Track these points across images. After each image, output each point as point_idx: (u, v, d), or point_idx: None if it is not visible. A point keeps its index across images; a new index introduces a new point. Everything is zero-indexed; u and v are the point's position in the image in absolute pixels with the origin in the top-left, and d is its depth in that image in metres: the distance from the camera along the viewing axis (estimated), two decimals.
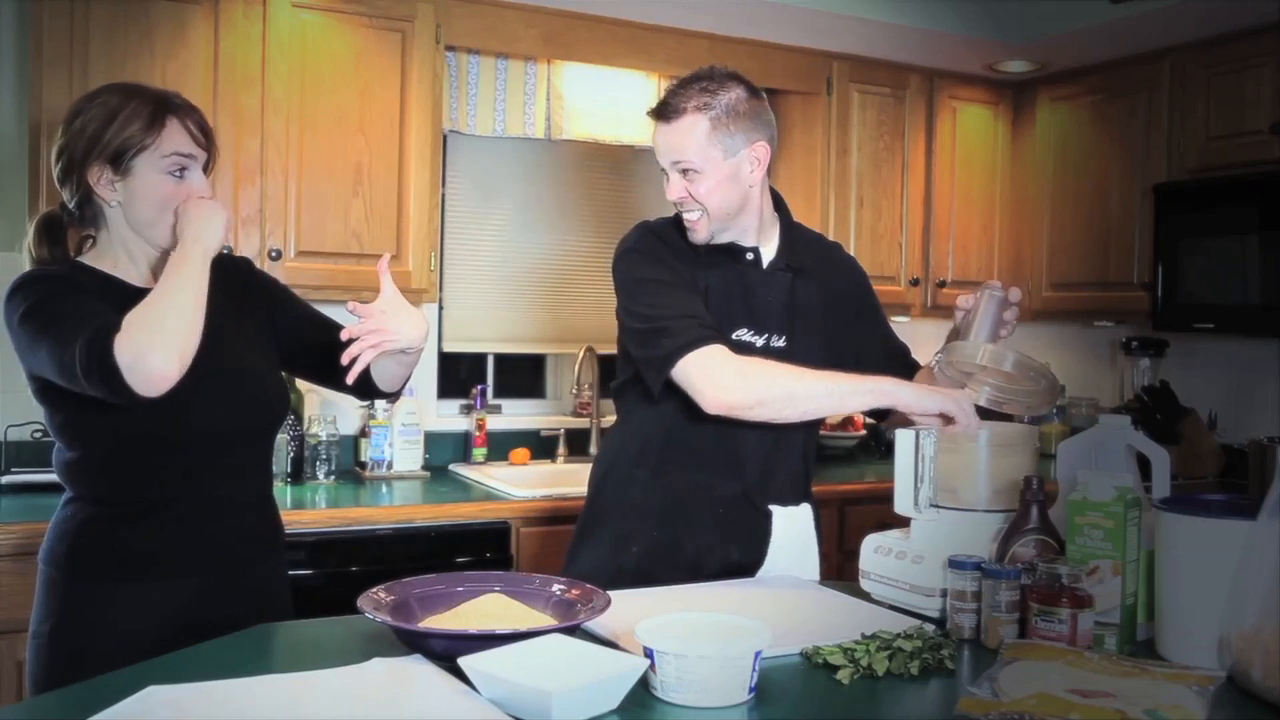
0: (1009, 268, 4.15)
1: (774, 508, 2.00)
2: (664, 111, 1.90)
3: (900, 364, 2.10)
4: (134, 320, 1.57)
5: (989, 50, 3.75)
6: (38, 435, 2.91)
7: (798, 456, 2.04)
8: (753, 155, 1.91)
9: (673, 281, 1.90)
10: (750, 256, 1.98)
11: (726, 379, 1.79)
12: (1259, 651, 1.35)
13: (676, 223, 2.01)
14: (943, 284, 3.99)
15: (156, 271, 1.77)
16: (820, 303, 2.01)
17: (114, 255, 1.75)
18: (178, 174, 1.71)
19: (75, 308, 1.61)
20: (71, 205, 1.74)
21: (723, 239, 1.96)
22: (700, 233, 1.94)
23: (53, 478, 2.73)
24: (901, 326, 4.23)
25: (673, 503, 1.96)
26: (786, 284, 1.99)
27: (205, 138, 1.76)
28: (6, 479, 2.83)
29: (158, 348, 1.54)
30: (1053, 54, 3.77)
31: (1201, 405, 3.73)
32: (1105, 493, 1.56)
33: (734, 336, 1.92)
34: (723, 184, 1.89)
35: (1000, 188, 4.15)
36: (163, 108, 1.71)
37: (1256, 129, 3.30)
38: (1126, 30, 3.44)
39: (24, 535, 2.43)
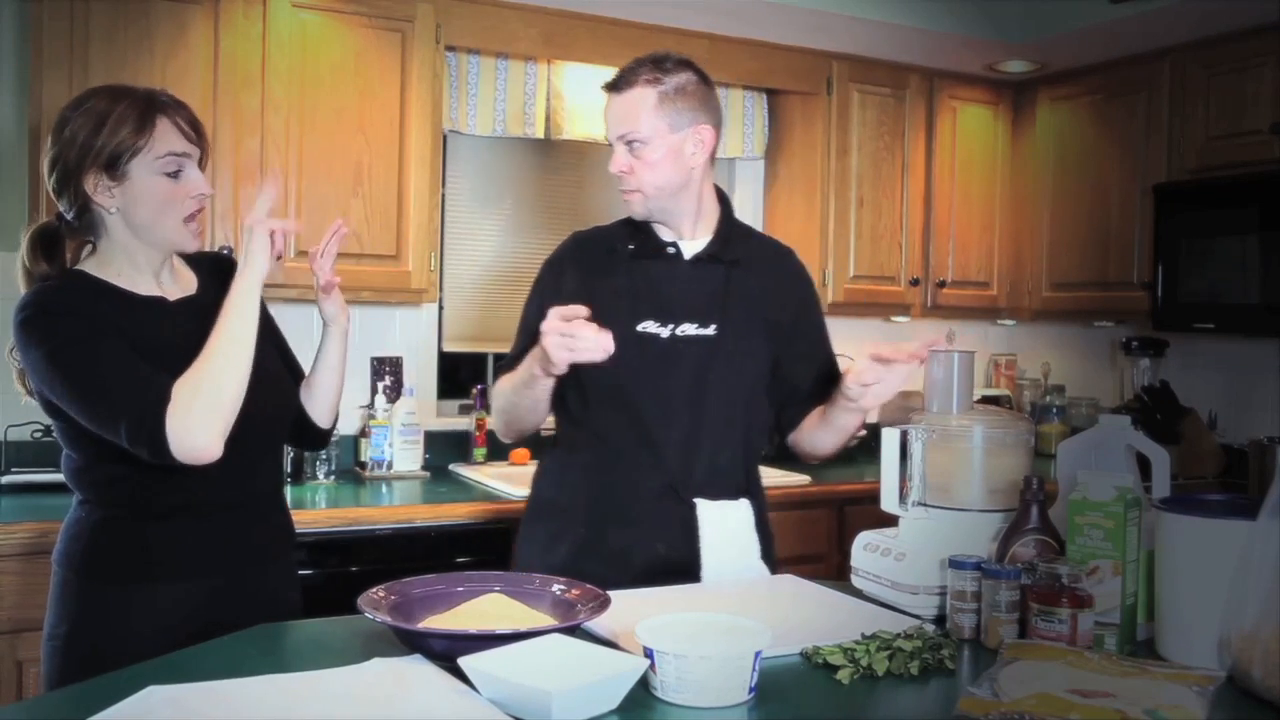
0: (1009, 268, 4.15)
1: (700, 501, 1.96)
2: (616, 83, 1.97)
3: (825, 388, 2.05)
4: (186, 391, 1.58)
5: (989, 50, 3.75)
6: (38, 435, 2.91)
7: (728, 450, 1.99)
8: (697, 136, 1.95)
9: (534, 313, 2.00)
10: (671, 251, 2.00)
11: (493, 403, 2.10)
12: (1259, 651, 1.35)
13: (613, 226, 2.08)
14: (943, 284, 3.99)
15: (161, 277, 1.78)
16: (759, 296, 2.01)
17: (116, 263, 1.74)
18: (174, 174, 1.70)
19: (114, 365, 1.60)
20: (70, 215, 1.72)
21: (659, 218, 2.00)
22: (637, 207, 1.98)
23: (54, 478, 2.75)
24: (901, 326, 4.27)
25: (598, 499, 1.97)
26: (718, 275, 1.99)
27: (196, 133, 1.74)
28: (7, 479, 2.83)
29: (205, 429, 1.58)
30: (1053, 54, 3.77)
31: (1201, 405, 3.73)
32: (1105, 493, 1.56)
33: (638, 329, 1.95)
34: (666, 158, 1.93)
35: (1000, 188, 4.15)
36: (151, 107, 1.69)
37: (1256, 129, 3.30)
38: (1126, 30, 3.44)
39: (24, 535, 2.44)
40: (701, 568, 1.93)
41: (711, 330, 1.96)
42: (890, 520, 1.83)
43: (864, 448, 3.98)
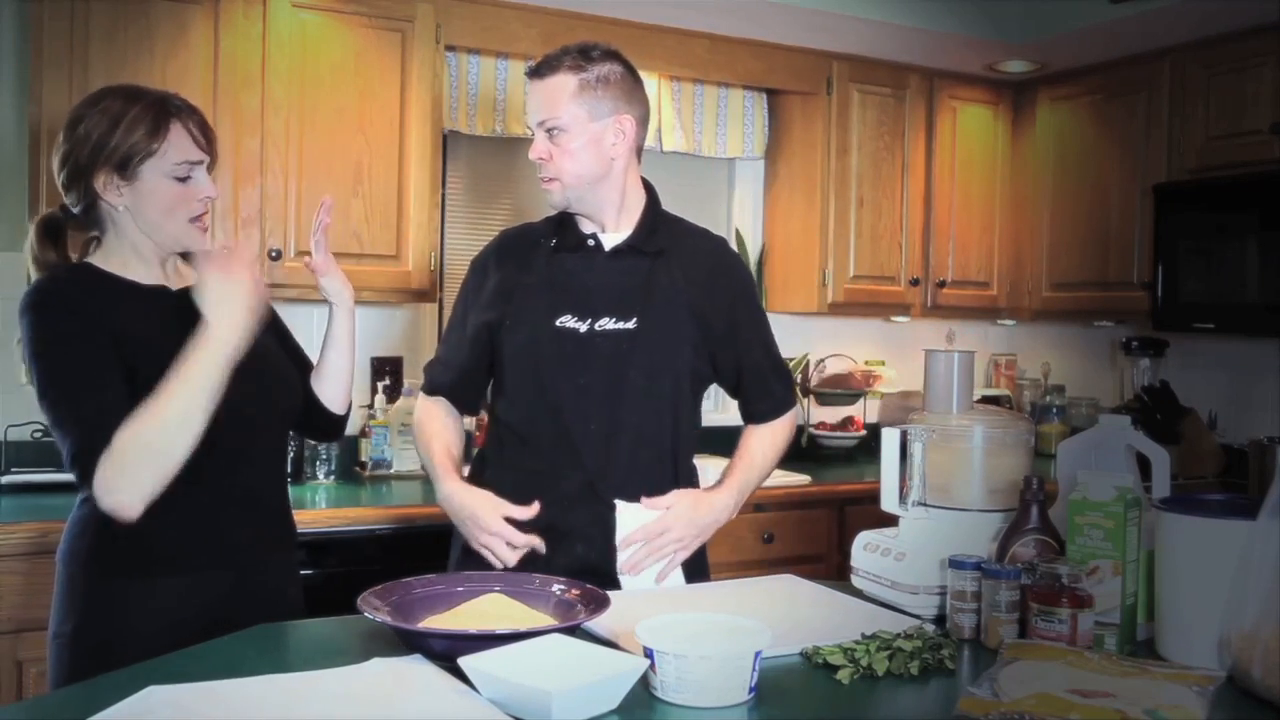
0: (1009, 268, 4.15)
1: (619, 502, 1.91)
2: (539, 69, 1.95)
3: (759, 388, 2.05)
4: (123, 445, 1.57)
5: (989, 50, 3.75)
6: (38, 435, 2.91)
7: (650, 447, 1.95)
8: (618, 126, 1.93)
9: (459, 315, 2.07)
10: (591, 243, 1.99)
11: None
12: (1259, 651, 1.35)
13: (541, 223, 2.08)
14: (943, 284, 3.99)
15: (166, 267, 1.80)
16: (686, 288, 1.98)
17: (123, 255, 1.76)
18: (183, 179, 1.73)
19: (82, 386, 1.62)
20: (77, 210, 1.75)
21: (579, 209, 1.98)
22: (555, 196, 1.97)
23: (53, 478, 2.76)
24: (901, 326, 4.27)
25: (519, 498, 1.93)
26: (640, 267, 1.97)
27: (206, 139, 1.77)
28: (6, 479, 2.83)
29: (130, 490, 1.58)
30: (1053, 54, 3.77)
31: (1201, 405, 3.73)
32: (1105, 493, 1.56)
33: (557, 323, 1.94)
34: (585, 147, 1.92)
35: (1000, 188, 4.15)
36: (164, 112, 1.72)
37: (1256, 129, 3.30)
38: (1126, 30, 3.44)
39: (25, 535, 2.43)
40: (617, 570, 1.90)
41: (631, 324, 1.93)
42: (890, 520, 1.83)
43: (864, 448, 3.99)
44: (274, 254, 2.94)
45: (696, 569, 1.99)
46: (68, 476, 1.77)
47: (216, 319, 1.62)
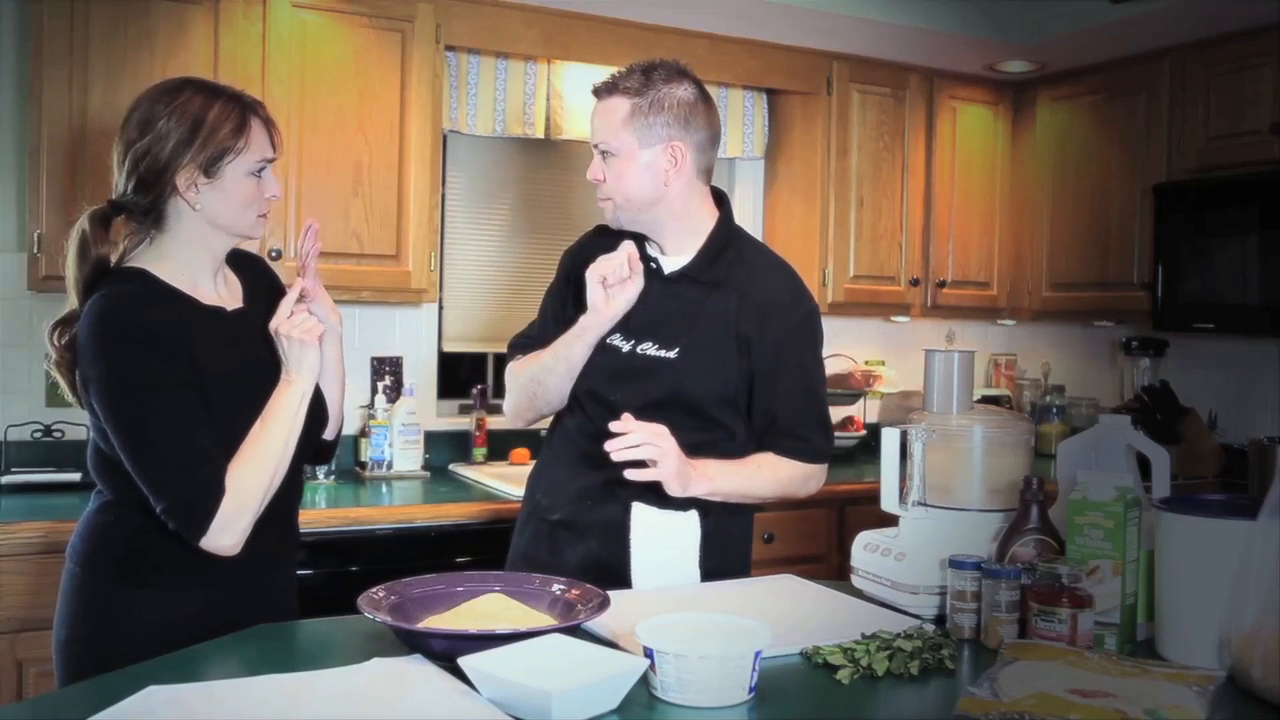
0: (1009, 268, 4.15)
1: (636, 505, 1.91)
2: (599, 89, 1.94)
3: (793, 432, 1.95)
4: (240, 489, 1.63)
5: (989, 50, 3.75)
6: (38, 435, 2.91)
7: None
8: (670, 154, 1.89)
9: (547, 303, 2.14)
10: (653, 265, 1.98)
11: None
12: (1259, 651, 1.35)
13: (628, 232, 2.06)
14: (943, 284, 3.99)
15: (216, 278, 1.79)
16: (738, 318, 1.92)
17: (178, 259, 1.73)
18: (258, 174, 1.74)
19: (171, 428, 1.61)
20: (145, 202, 1.70)
21: (634, 229, 1.97)
22: (609, 215, 1.98)
23: (53, 478, 2.76)
24: (901, 326, 4.27)
25: (550, 494, 2.00)
26: (696, 296, 1.94)
27: (273, 136, 1.78)
28: (6, 479, 2.82)
29: (243, 528, 1.64)
30: (1053, 54, 3.77)
31: (1201, 405, 3.73)
32: (1105, 493, 1.56)
33: (607, 340, 1.95)
34: (635, 173, 1.90)
35: (1000, 188, 4.15)
36: (244, 108, 1.72)
37: (1256, 129, 3.30)
38: (1126, 30, 3.44)
39: (24, 535, 2.43)
40: (631, 571, 1.91)
41: (673, 354, 1.91)
42: (890, 520, 1.83)
43: (864, 448, 3.99)
44: (274, 254, 2.94)
45: (739, 571, 2.02)
46: (67, 476, 1.77)
47: (298, 370, 1.72)
